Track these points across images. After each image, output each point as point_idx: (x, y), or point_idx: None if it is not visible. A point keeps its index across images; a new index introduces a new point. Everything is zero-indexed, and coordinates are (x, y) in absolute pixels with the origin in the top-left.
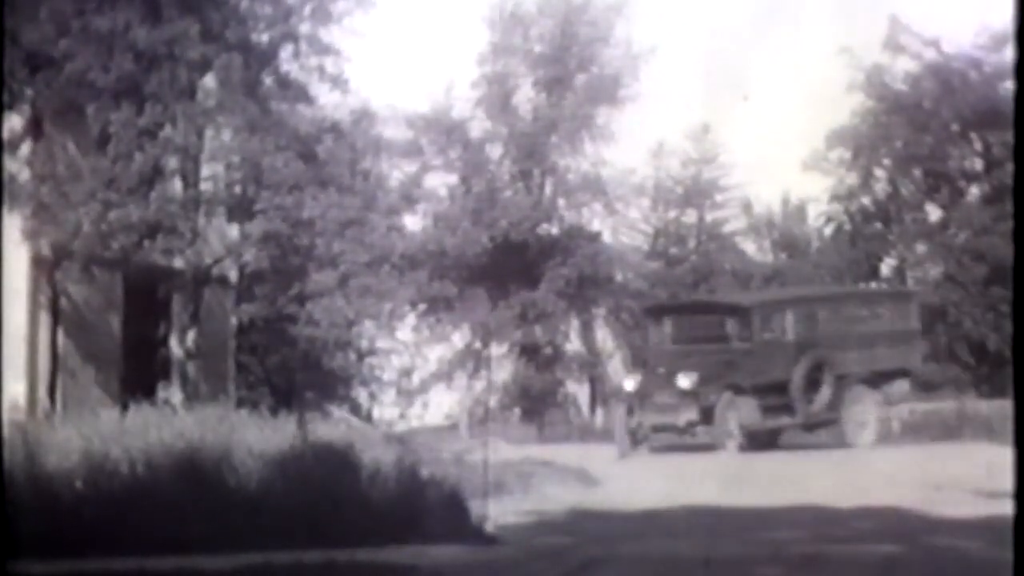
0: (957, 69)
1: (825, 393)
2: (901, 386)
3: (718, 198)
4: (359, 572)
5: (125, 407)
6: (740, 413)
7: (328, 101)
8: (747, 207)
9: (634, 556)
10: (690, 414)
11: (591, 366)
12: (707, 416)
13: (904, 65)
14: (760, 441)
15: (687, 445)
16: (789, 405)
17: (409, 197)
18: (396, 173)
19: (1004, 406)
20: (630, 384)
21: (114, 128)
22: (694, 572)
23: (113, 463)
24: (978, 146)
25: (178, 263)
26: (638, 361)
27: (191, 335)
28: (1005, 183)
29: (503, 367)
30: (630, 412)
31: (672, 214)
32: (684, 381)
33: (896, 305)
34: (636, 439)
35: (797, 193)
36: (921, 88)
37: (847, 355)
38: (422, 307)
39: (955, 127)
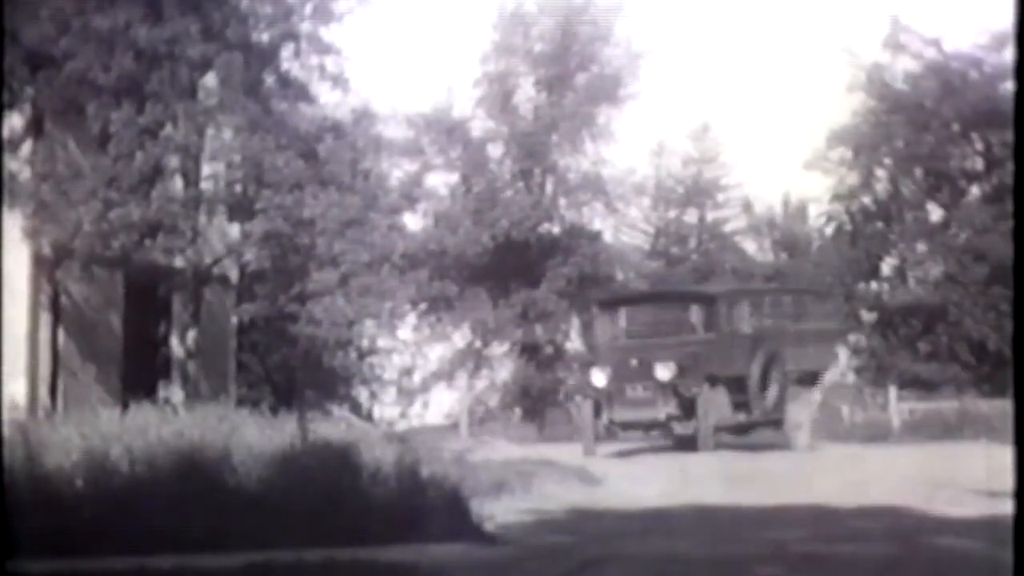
0: (958, 69)
1: (774, 390)
2: (823, 387)
3: (719, 197)
4: (359, 571)
5: (126, 406)
6: (717, 407)
7: (329, 100)
8: (748, 206)
9: (634, 555)
10: (669, 408)
11: (592, 365)
12: (687, 410)
13: (905, 65)
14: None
15: (657, 446)
16: (746, 401)
17: (410, 196)
18: (397, 172)
19: (1004, 405)
20: (600, 378)
21: (115, 127)
22: (694, 571)
23: (113, 462)
24: (979, 145)
25: (179, 262)
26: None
27: (192, 334)
28: (1006, 182)
29: (504, 366)
30: (597, 409)
31: (673, 213)
32: (663, 372)
33: (821, 304)
34: (604, 437)
35: (798, 192)
36: (922, 87)
37: (788, 351)
38: (423, 306)
39: (956, 126)
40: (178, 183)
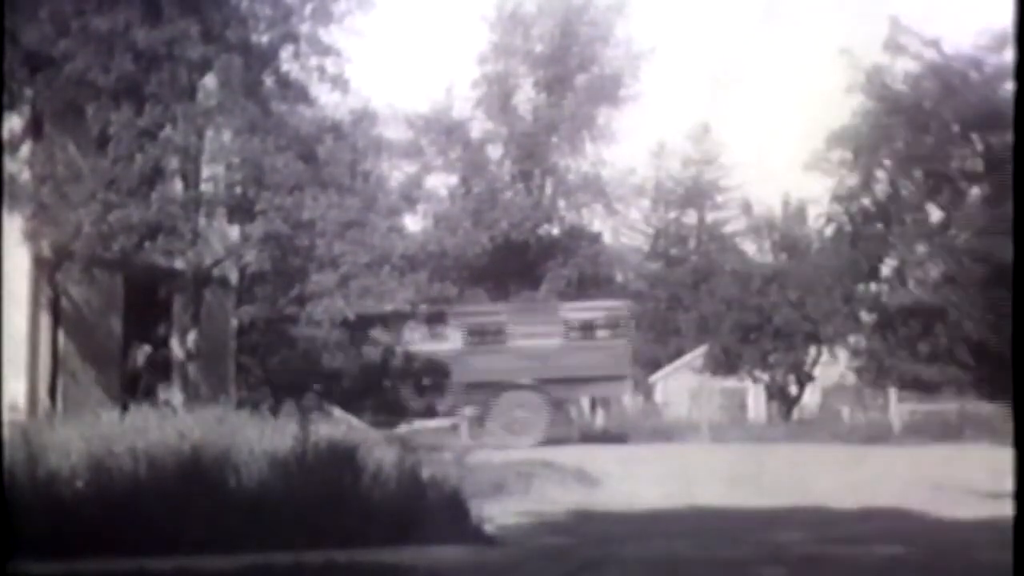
0: (958, 70)
1: None
2: None
3: (718, 199)
4: (359, 572)
5: (125, 408)
6: None
7: (328, 101)
8: (747, 208)
9: (634, 556)
10: None
11: None
12: None
13: (904, 66)
14: None
15: None
16: None
17: (409, 198)
18: (396, 174)
19: (1004, 407)
20: None
21: (114, 129)
22: (695, 572)
23: (114, 464)
24: (979, 146)
25: (179, 264)
26: None
27: (192, 336)
28: (1006, 184)
29: None
30: None
31: (672, 215)
32: None
33: None
34: None
35: (797, 194)
36: (921, 89)
37: None
38: (423, 307)
39: (956, 128)
40: (178, 185)
